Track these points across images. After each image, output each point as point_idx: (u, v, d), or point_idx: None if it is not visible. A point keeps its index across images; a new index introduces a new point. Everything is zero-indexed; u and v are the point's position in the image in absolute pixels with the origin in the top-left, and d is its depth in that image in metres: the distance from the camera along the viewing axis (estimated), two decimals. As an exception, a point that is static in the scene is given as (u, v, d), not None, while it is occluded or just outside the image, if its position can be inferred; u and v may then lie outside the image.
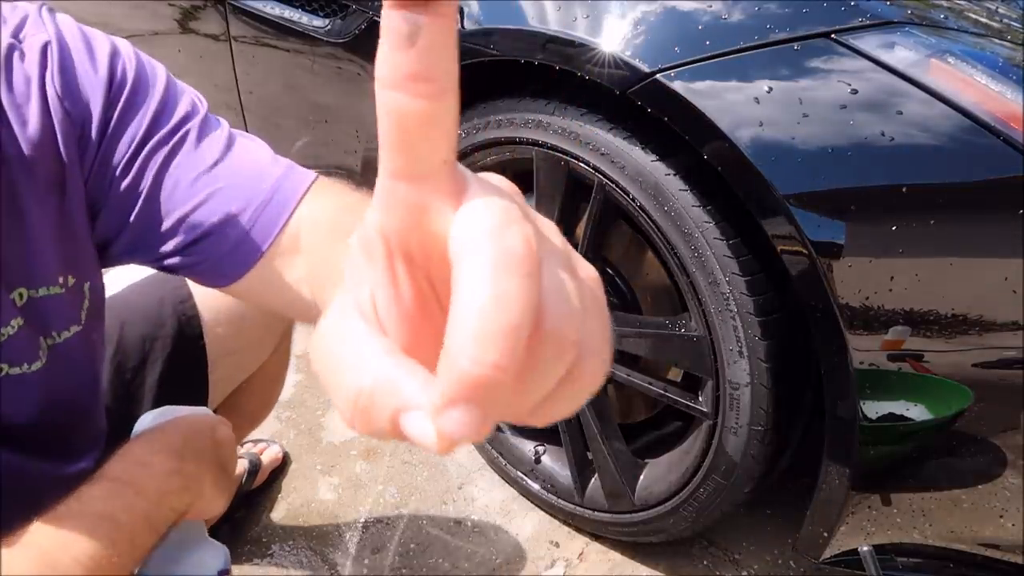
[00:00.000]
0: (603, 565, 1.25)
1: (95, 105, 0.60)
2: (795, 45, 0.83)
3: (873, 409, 0.85)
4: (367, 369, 0.19)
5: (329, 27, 1.29)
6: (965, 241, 0.79)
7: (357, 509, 1.35)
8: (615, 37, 0.91)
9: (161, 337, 0.92)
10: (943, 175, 0.79)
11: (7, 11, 0.60)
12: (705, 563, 1.24)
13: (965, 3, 0.96)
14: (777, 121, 0.83)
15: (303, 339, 1.57)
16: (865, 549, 0.94)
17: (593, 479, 1.24)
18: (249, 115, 1.54)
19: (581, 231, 1.10)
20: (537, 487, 1.32)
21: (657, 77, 0.87)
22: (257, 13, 1.39)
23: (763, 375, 0.94)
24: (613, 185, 1.00)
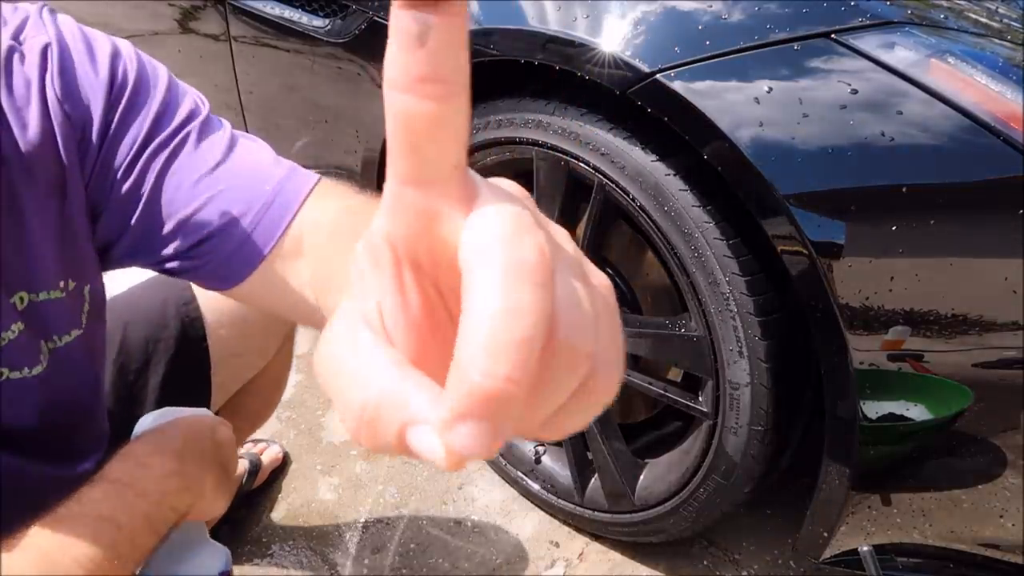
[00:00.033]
0: (603, 565, 1.25)
1: (96, 108, 0.59)
2: (795, 45, 0.83)
3: (873, 409, 0.85)
4: (373, 381, 0.19)
5: (329, 27, 1.29)
6: (965, 241, 0.79)
7: (357, 509, 1.35)
8: (615, 37, 0.91)
9: (164, 339, 0.92)
10: (943, 175, 0.79)
11: (7, 12, 0.59)
12: (705, 563, 1.24)
13: (965, 3, 0.96)
14: (777, 121, 0.83)
15: (304, 340, 1.57)
16: (865, 549, 0.94)
17: (593, 479, 1.24)
18: (249, 115, 1.54)
19: (581, 231, 1.10)
20: (537, 487, 1.32)
21: (657, 77, 0.87)
22: (257, 13, 1.39)
23: (763, 375, 0.94)
24: (613, 185, 1.00)
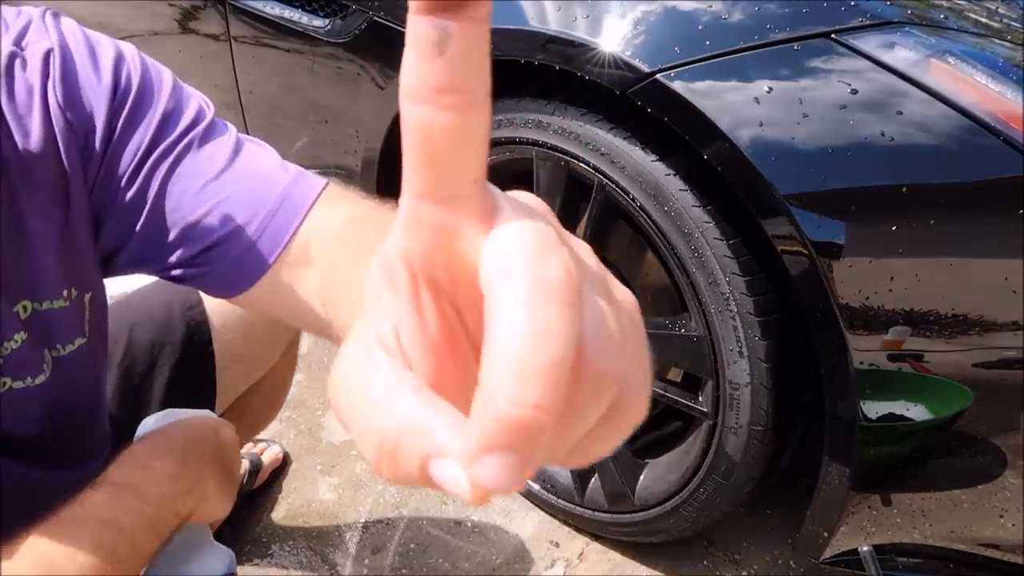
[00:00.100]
0: (603, 565, 1.25)
1: (98, 114, 0.58)
2: (795, 45, 0.83)
3: (873, 409, 0.85)
4: (393, 409, 0.18)
5: (329, 27, 1.29)
6: (965, 241, 0.79)
7: (357, 509, 1.35)
8: (615, 37, 0.91)
9: (170, 342, 0.91)
10: (943, 175, 0.79)
11: (10, 16, 0.58)
12: (705, 563, 1.24)
13: (965, 3, 0.96)
14: (777, 121, 0.83)
15: (305, 339, 1.57)
16: (865, 549, 0.94)
17: (593, 479, 1.24)
18: (249, 115, 1.54)
19: (581, 231, 1.10)
20: (537, 487, 1.31)
21: (657, 77, 0.87)
22: (257, 13, 1.39)
23: (763, 375, 0.94)
24: (613, 185, 1.00)
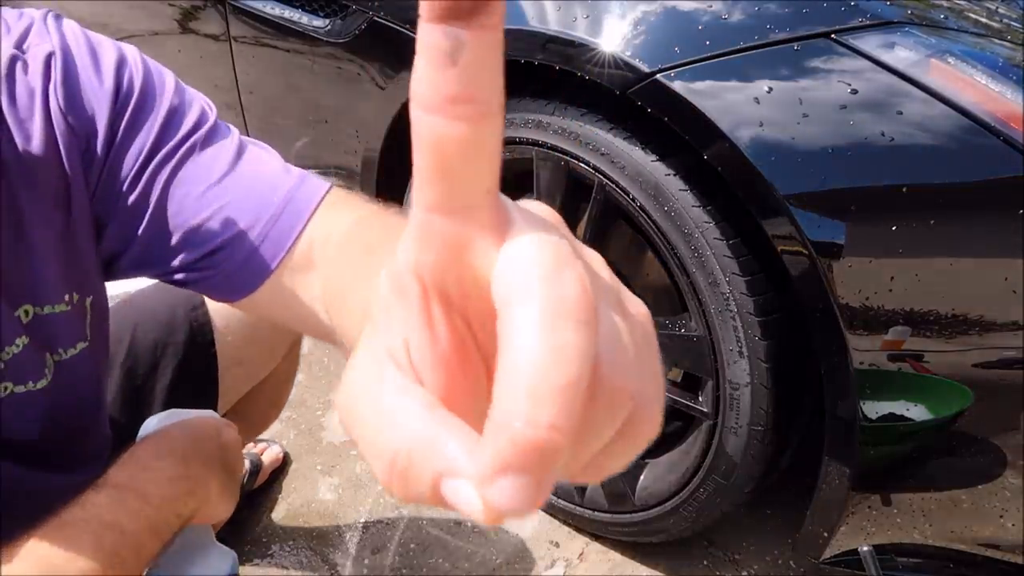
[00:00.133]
0: (603, 565, 1.25)
1: (100, 118, 0.58)
2: (795, 45, 0.83)
3: (873, 409, 0.85)
4: (404, 426, 0.17)
5: (329, 27, 1.29)
6: (965, 241, 0.79)
7: (357, 509, 1.35)
8: (615, 37, 0.91)
9: (173, 344, 0.91)
10: (943, 175, 0.79)
11: (12, 19, 0.58)
12: (705, 563, 1.24)
13: (965, 3, 0.96)
14: (777, 121, 0.83)
15: (306, 339, 1.57)
16: (865, 549, 0.94)
17: (593, 479, 1.24)
18: (249, 115, 1.54)
19: (581, 231, 1.10)
20: (537, 487, 1.31)
21: (657, 77, 0.87)
22: (257, 13, 1.39)
23: (763, 375, 0.94)
24: (613, 185, 1.00)
